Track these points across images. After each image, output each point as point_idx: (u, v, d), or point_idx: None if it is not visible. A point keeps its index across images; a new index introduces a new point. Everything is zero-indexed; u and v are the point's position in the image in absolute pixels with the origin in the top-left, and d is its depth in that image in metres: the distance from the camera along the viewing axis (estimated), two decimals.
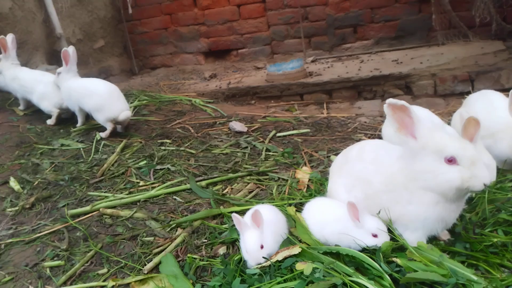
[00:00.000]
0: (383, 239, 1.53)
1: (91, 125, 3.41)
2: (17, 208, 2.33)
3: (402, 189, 1.51)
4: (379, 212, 1.55)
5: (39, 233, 2.10)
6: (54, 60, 5.08)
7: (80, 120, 3.44)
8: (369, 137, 3.00)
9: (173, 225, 2.04)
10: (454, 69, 4.22)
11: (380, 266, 1.40)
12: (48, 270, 1.84)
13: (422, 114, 1.47)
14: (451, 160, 1.38)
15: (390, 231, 1.57)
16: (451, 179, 1.38)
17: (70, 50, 3.39)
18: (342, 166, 1.80)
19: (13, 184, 2.58)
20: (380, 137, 2.92)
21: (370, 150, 1.71)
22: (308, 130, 3.22)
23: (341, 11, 5.64)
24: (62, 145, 3.10)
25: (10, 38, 3.67)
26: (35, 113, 3.73)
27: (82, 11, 5.60)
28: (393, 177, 1.54)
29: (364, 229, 1.55)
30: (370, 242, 1.53)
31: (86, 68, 5.63)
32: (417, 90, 4.29)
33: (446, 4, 5.01)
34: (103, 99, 3.17)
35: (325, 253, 1.49)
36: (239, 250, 1.76)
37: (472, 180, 1.36)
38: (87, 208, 2.22)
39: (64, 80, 3.39)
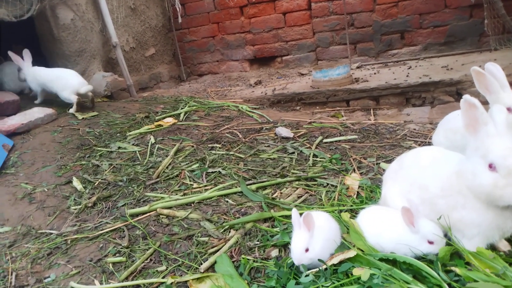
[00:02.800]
0: (439, 246, 1.51)
1: (146, 130, 3.57)
2: (80, 206, 2.50)
3: (457, 193, 1.50)
4: (440, 217, 1.53)
5: (101, 230, 2.24)
6: (109, 67, 5.37)
7: (40, 98, 4.45)
8: (419, 145, 2.94)
9: (226, 227, 2.11)
10: (509, 75, 4.01)
11: (439, 275, 1.39)
12: (111, 265, 1.96)
13: (499, 116, 1.45)
14: (491, 166, 1.38)
15: (448, 238, 1.55)
16: (484, 183, 1.39)
17: (24, 52, 4.33)
18: (396, 172, 1.80)
19: (76, 183, 2.76)
20: (430, 145, 2.86)
21: (426, 155, 1.70)
22: (356, 136, 3.20)
23: (388, 17, 5.57)
24: (119, 147, 3.27)
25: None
26: (93, 118, 3.96)
27: (135, 21, 5.89)
28: (449, 181, 1.53)
29: (420, 235, 1.54)
30: (426, 249, 1.52)
31: (138, 74, 5.90)
32: None
33: (500, 9, 4.81)
34: (66, 79, 4.11)
35: (381, 260, 1.50)
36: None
37: (505, 190, 1.35)
38: (145, 208, 2.34)
39: (27, 73, 4.36)
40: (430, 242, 1.52)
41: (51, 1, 4.41)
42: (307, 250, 1.58)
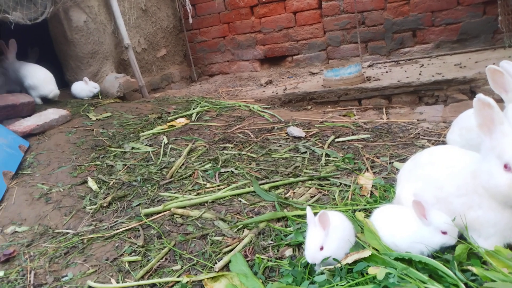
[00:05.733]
0: (453, 236, 1.51)
1: (159, 130, 3.61)
2: (96, 206, 2.53)
3: (473, 192, 1.49)
4: (454, 218, 1.52)
5: (117, 230, 2.26)
6: (121, 68, 5.42)
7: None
8: (433, 143, 2.92)
9: (240, 226, 2.12)
10: None
11: (455, 274, 1.38)
12: (126, 264, 1.98)
13: None
14: (506, 166, 1.36)
15: (464, 238, 1.54)
16: (499, 184, 1.37)
17: (10, 42, 4.41)
18: (411, 171, 1.79)
19: (91, 184, 2.80)
20: (444, 144, 2.84)
21: (441, 154, 1.69)
22: (368, 135, 3.19)
23: (400, 15, 5.53)
24: (133, 148, 3.31)
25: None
26: (106, 118, 4.01)
27: (146, 22, 5.94)
28: (465, 180, 1.52)
29: (432, 227, 1.53)
30: (440, 240, 1.52)
31: (149, 75, 5.95)
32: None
33: None
34: (38, 81, 4.36)
35: (396, 259, 1.49)
36: None
37: None
38: (160, 207, 2.37)
39: (9, 64, 4.48)
40: (443, 233, 1.52)
41: (64, 3, 4.47)
42: (321, 248, 1.58)
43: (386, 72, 4.99)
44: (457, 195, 1.54)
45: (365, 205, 2.12)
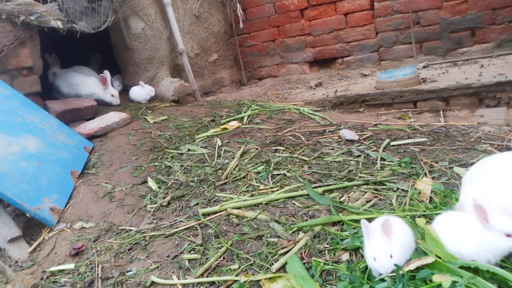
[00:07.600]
0: None
1: (213, 133, 3.71)
2: (156, 205, 2.65)
3: None
4: None
5: (176, 228, 2.36)
6: (175, 73, 5.62)
7: None
8: (495, 148, 2.78)
9: (295, 228, 2.14)
10: None
11: None
12: (186, 262, 2.06)
13: None
14: None
15: None
16: None
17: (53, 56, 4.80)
18: (478, 177, 1.72)
19: (151, 184, 2.93)
20: (509, 148, 2.71)
21: None
22: (425, 139, 3.09)
23: (457, 14, 5.30)
24: (189, 150, 3.43)
25: None
26: (163, 121, 4.18)
27: (199, 28, 6.11)
28: None
29: (496, 230, 1.47)
30: (506, 243, 1.45)
31: (201, 79, 6.12)
32: None
33: None
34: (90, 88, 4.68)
35: (461, 268, 1.45)
36: (362, 257, 1.78)
37: None
38: (216, 208, 2.44)
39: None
40: (508, 235, 1.45)
41: (124, 12, 4.71)
42: (391, 256, 1.56)
43: (443, 73, 4.80)
44: None
45: (424, 211, 2.07)
